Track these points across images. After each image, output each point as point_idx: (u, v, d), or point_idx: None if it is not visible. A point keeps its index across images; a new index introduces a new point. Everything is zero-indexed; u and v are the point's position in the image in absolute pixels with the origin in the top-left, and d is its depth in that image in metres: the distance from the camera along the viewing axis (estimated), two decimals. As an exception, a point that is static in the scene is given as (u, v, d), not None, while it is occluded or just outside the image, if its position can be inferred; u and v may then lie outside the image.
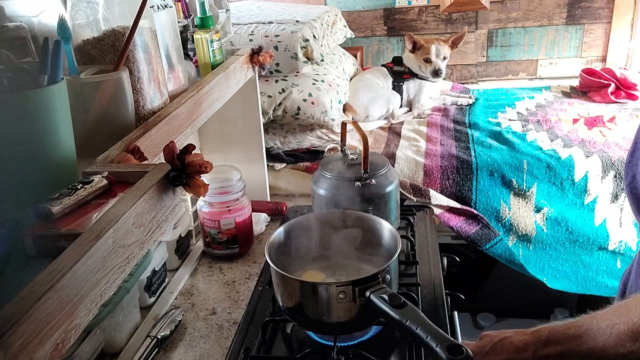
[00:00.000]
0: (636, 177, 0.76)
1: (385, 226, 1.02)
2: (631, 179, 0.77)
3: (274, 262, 0.92)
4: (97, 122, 0.80)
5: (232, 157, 1.48)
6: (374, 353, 0.92)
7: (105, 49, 0.84)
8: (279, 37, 1.62)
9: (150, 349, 0.99)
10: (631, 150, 0.79)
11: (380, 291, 0.84)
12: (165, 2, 0.99)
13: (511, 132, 1.73)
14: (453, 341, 0.71)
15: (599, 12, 2.30)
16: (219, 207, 1.25)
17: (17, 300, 0.45)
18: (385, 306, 0.81)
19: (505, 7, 2.34)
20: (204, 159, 0.70)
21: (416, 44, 1.94)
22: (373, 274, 0.87)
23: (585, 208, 1.50)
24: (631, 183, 0.77)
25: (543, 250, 1.52)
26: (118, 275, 0.58)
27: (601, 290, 1.52)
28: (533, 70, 2.44)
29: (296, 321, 0.96)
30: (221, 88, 1.12)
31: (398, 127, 1.87)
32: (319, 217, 1.08)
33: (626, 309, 0.66)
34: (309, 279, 1.01)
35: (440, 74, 1.93)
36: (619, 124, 1.76)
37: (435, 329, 0.74)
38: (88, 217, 0.60)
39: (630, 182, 0.77)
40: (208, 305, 1.15)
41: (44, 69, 0.63)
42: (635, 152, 0.78)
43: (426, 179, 1.54)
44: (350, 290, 0.86)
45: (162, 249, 1.18)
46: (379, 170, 1.18)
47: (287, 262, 1.01)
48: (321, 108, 1.64)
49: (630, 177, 0.77)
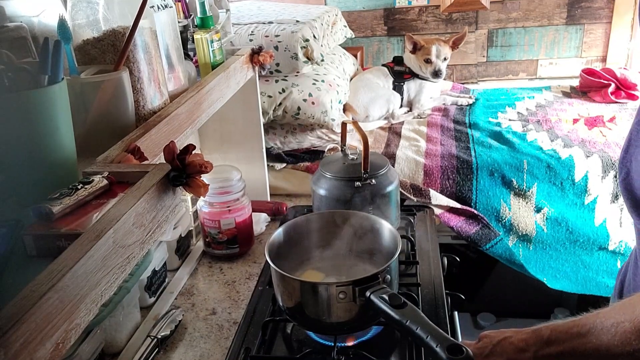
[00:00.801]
0: (630, 173, 0.75)
1: (385, 226, 1.02)
2: (625, 175, 0.76)
3: (273, 262, 0.92)
4: (97, 122, 0.80)
5: (232, 157, 1.48)
6: (374, 353, 0.92)
7: (106, 49, 0.84)
8: (279, 37, 1.62)
9: (151, 349, 0.99)
10: (625, 146, 0.78)
11: (380, 291, 0.84)
12: (166, 2, 0.99)
13: (511, 132, 1.73)
14: (453, 341, 0.70)
15: (599, 12, 2.30)
16: (219, 207, 1.25)
17: (18, 300, 0.45)
18: (386, 306, 0.81)
19: (505, 7, 2.34)
20: (204, 159, 0.70)
21: (416, 44, 1.94)
22: (373, 274, 0.87)
23: (585, 208, 1.50)
24: (625, 179, 0.76)
25: (543, 250, 1.52)
26: (118, 275, 0.58)
27: (601, 290, 1.52)
28: (533, 70, 2.44)
29: (296, 321, 0.96)
30: (221, 88, 1.12)
31: (398, 127, 1.87)
32: (319, 217, 1.08)
33: (631, 307, 0.65)
34: (309, 279, 1.01)
35: (440, 75, 1.93)
36: (619, 124, 1.76)
37: (435, 329, 0.74)
38: (88, 217, 0.60)
39: (625, 178, 0.76)
40: (208, 305, 1.15)
41: (44, 69, 0.63)
42: (629, 149, 0.77)
43: (426, 179, 1.54)
44: (351, 290, 0.86)
45: (162, 249, 1.18)
46: (379, 170, 1.18)
47: (287, 262, 1.01)
48: (321, 108, 1.64)
49: (624, 174, 0.77)
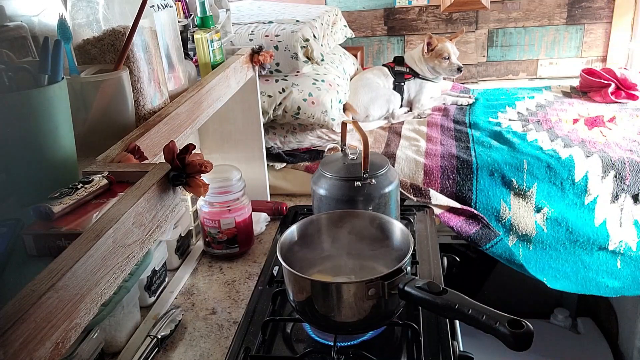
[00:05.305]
0: None
1: (395, 225, 1.03)
2: None
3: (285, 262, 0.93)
4: (97, 122, 0.80)
5: (232, 156, 1.48)
6: (374, 353, 0.92)
7: (106, 49, 0.84)
8: (279, 37, 1.62)
9: (150, 348, 0.99)
10: None
11: (412, 282, 0.85)
12: (166, 2, 0.99)
13: (511, 132, 1.73)
14: (511, 317, 0.71)
15: (599, 12, 2.30)
16: (219, 207, 1.25)
17: (18, 299, 0.45)
18: (426, 295, 0.82)
19: (505, 7, 2.34)
20: (204, 158, 0.70)
21: (430, 44, 1.95)
22: (397, 267, 0.88)
23: (585, 208, 1.50)
24: None
25: (543, 250, 1.52)
26: (118, 274, 0.58)
27: (601, 291, 1.52)
28: (533, 70, 2.44)
29: (318, 326, 0.96)
30: (221, 88, 1.12)
31: (398, 126, 1.87)
32: (330, 217, 1.09)
33: None
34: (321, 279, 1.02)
35: (461, 70, 1.96)
36: (619, 124, 1.76)
37: (487, 308, 0.75)
38: (88, 217, 0.60)
39: None
40: (208, 304, 1.15)
41: (44, 69, 0.63)
42: None
43: (426, 178, 1.54)
44: (380, 286, 0.86)
45: (162, 248, 1.18)
46: (379, 170, 1.18)
47: (297, 262, 1.01)
48: (321, 108, 1.64)
49: None
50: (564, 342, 2.07)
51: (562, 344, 2.05)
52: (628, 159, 1.52)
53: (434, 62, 1.96)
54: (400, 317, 0.97)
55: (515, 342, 0.72)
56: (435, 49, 1.95)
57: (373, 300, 0.88)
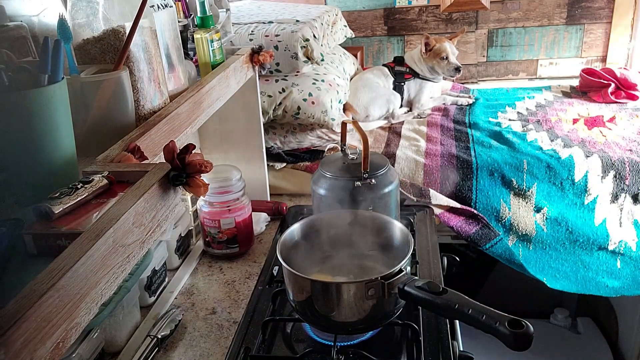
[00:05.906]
0: None
1: (395, 224, 1.03)
2: None
3: (287, 264, 0.93)
4: (97, 122, 0.80)
5: (232, 156, 1.48)
6: (374, 353, 0.92)
7: (106, 49, 0.84)
8: (279, 37, 1.62)
9: (151, 348, 0.99)
10: None
11: (413, 282, 0.85)
12: (166, 2, 0.99)
13: (511, 132, 1.73)
14: (511, 317, 0.71)
15: (599, 12, 2.30)
16: (219, 207, 1.25)
17: (18, 299, 0.45)
18: (426, 295, 0.82)
19: (505, 7, 2.34)
20: (204, 158, 0.70)
21: (428, 44, 1.95)
22: (398, 267, 0.88)
23: (585, 208, 1.50)
24: None
25: (543, 250, 1.52)
26: (118, 274, 0.58)
27: (601, 290, 1.52)
28: (533, 70, 2.44)
29: (318, 326, 0.97)
30: (221, 88, 1.12)
31: (398, 126, 1.87)
32: (330, 217, 1.09)
33: None
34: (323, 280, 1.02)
35: (460, 71, 1.95)
36: (619, 124, 1.76)
37: (487, 308, 0.75)
38: (88, 217, 0.60)
39: None
40: (208, 304, 1.15)
41: (44, 69, 0.63)
42: None
43: (426, 178, 1.54)
44: (380, 286, 0.86)
45: (162, 248, 1.18)
46: (379, 170, 1.18)
47: (298, 262, 1.01)
48: (321, 108, 1.64)
49: None
50: (564, 342, 2.07)
51: (562, 344, 2.06)
52: (628, 158, 1.52)
53: (433, 62, 1.96)
54: (400, 317, 0.97)
55: (515, 342, 0.72)
56: (433, 49, 1.95)
57: (373, 300, 0.88)
